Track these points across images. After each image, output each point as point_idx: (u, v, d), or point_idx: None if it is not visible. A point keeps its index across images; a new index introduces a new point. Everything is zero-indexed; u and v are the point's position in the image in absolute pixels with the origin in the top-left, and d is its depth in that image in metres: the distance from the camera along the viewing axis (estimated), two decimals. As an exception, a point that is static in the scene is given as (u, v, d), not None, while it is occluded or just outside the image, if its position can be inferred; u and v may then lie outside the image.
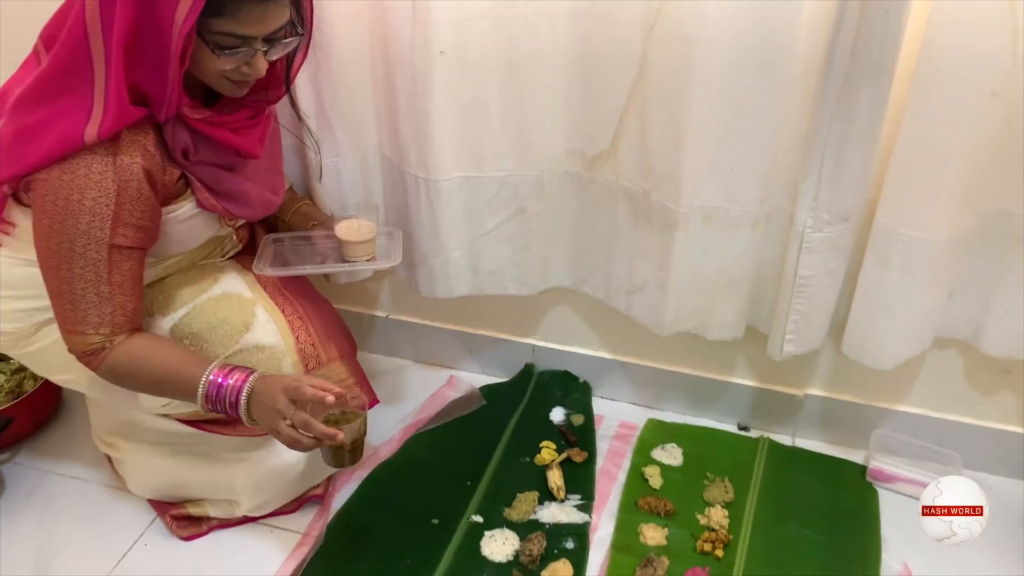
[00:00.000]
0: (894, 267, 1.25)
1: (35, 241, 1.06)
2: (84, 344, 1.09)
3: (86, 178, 1.00)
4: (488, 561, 1.32)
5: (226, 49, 1.01)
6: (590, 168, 1.39)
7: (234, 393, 1.10)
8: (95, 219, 1.02)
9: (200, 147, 1.10)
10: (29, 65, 1.10)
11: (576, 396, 1.68)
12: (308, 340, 1.28)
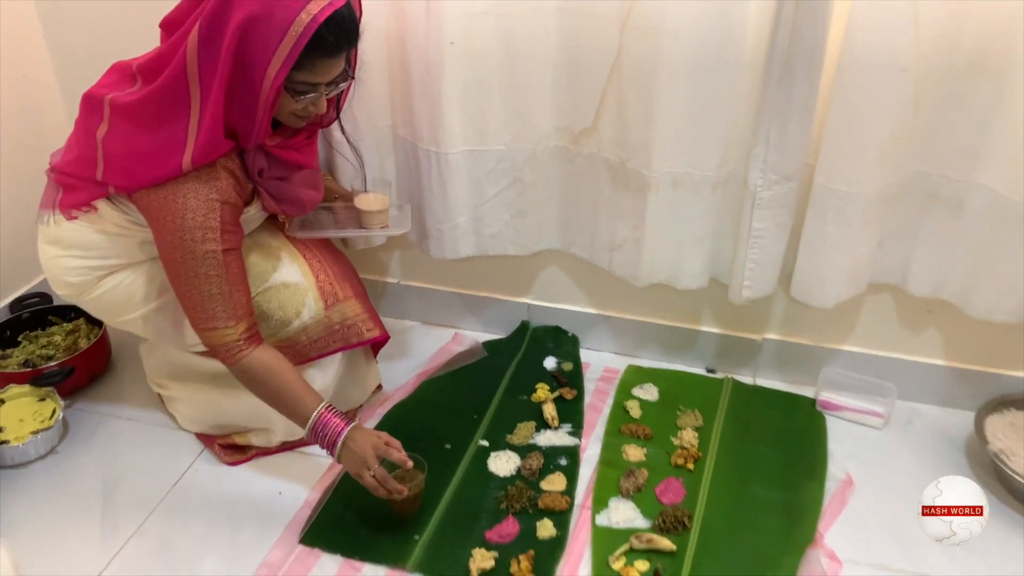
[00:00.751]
0: (831, 219, 1.49)
1: (161, 256, 1.28)
2: (219, 338, 1.29)
3: (195, 200, 1.22)
4: (494, 476, 1.53)
5: (300, 94, 1.23)
6: (576, 142, 1.62)
7: (334, 435, 1.33)
8: (208, 232, 1.23)
9: (271, 166, 1.32)
10: (121, 76, 1.30)
11: (566, 347, 1.90)
12: (327, 280, 1.50)
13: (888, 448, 1.62)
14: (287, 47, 1.14)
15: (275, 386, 1.34)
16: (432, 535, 1.40)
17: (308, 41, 1.15)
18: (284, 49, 1.14)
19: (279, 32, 1.13)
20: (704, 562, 1.34)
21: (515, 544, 1.38)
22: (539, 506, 1.45)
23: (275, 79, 1.16)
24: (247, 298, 1.31)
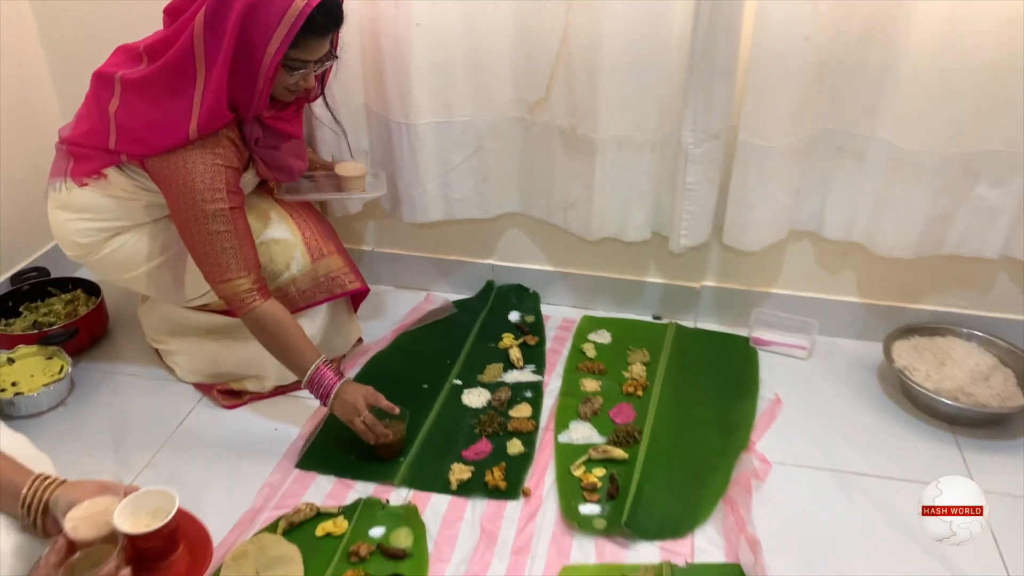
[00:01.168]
0: (753, 172, 1.70)
1: (175, 218, 1.44)
2: (233, 289, 1.44)
3: (202, 164, 1.38)
4: (468, 408, 1.71)
5: (294, 70, 1.40)
6: (531, 112, 1.81)
7: (329, 387, 1.49)
8: (216, 192, 1.39)
9: (265, 136, 1.49)
10: (127, 57, 1.46)
11: (528, 303, 2.08)
12: (312, 237, 1.67)
13: (811, 375, 1.84)
14: (285, 28, 1.31)
15: (281, 337, 1.50)
16: (415, 456, 1.58)
17: (303, 23, 1.32)
18: (282, 30, 1.31)
19: (278, 15, 1.31)
20: (652, 467, 1.54)
21: (488, 459, 1.56)
22: (508, 429, 1.64)
23: (275, 56, 1.33)
24: (255, 252, 1.47)
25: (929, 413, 1.70)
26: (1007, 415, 1.65)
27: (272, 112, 1.49)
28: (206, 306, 1.66)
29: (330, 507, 1.45)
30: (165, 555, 1.01)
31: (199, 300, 1.64)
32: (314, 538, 1.39)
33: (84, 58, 1.57)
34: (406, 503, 1.47)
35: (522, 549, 1.38)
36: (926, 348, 1.79)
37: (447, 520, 1.44)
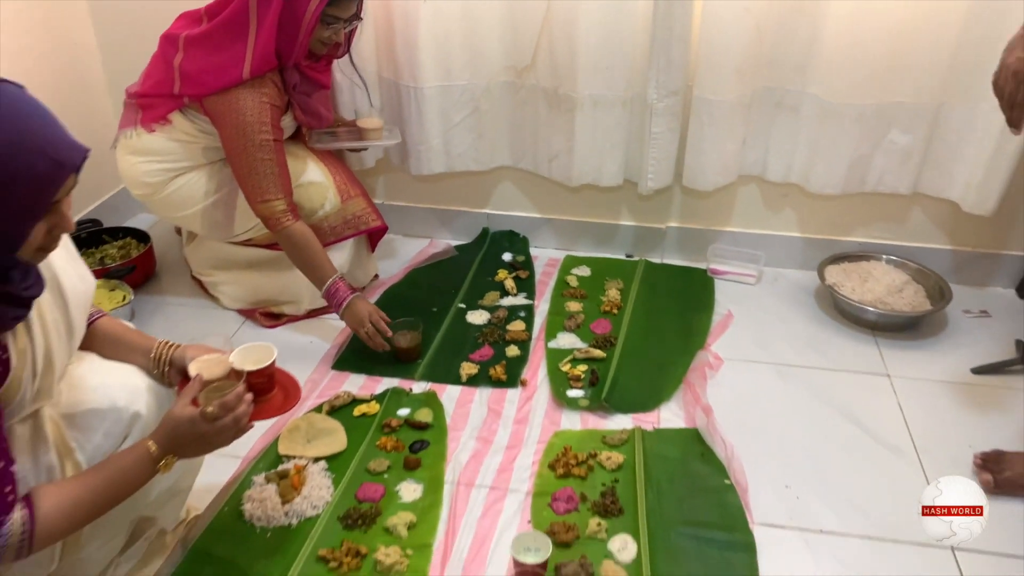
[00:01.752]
0: (706, 123, 2.02)
1: (225, 147, 1.73)
2: (270, 209, 1.73)
3: (251, 101, 1.68)
4: (472, 324, 2.02)
5: (329, 24, 1.70)
6: (519, 77, 2.11)
7: (342, 298, 1.80)
8: (262, 125, 1.68)
9: (302, 82, 1.78)
10: (189, 20, 1.75)
11: (519, 246, 2.39)
12: (341, 181, 1.97)
13: (759, 296, 2.17)
14: None
15: (307, 252, 1.79)
16: (430, 359, 1.88)
17: None
18: None
19: None
20: (625, 363, 1.85)
21: (491, 360, 1.87)
22: (506, 338, 1.95)
23: (315, 11, 1.62)
24: (289, 181, 1.77)
25: (854, 321, 2.03)
26: (916, 319, 1.99)
27: (308, 62, 1.78)
28: (250, 240, 1.95)
29: (363, 395, 1.75)
30: (266, 391, 1.30)
31: (244, 235, 1.93)
32: (352, 417, 1.69)
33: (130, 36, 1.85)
34: (426, 391, 1.77)
35: (522, 420, 1.69)
36: (852, 271, 2.12)
37: (460, 402, 1.74)
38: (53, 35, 2.15)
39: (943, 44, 1.83)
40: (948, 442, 1.64)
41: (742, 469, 1.54)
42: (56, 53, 2.18)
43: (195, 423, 1.08)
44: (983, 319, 2.06)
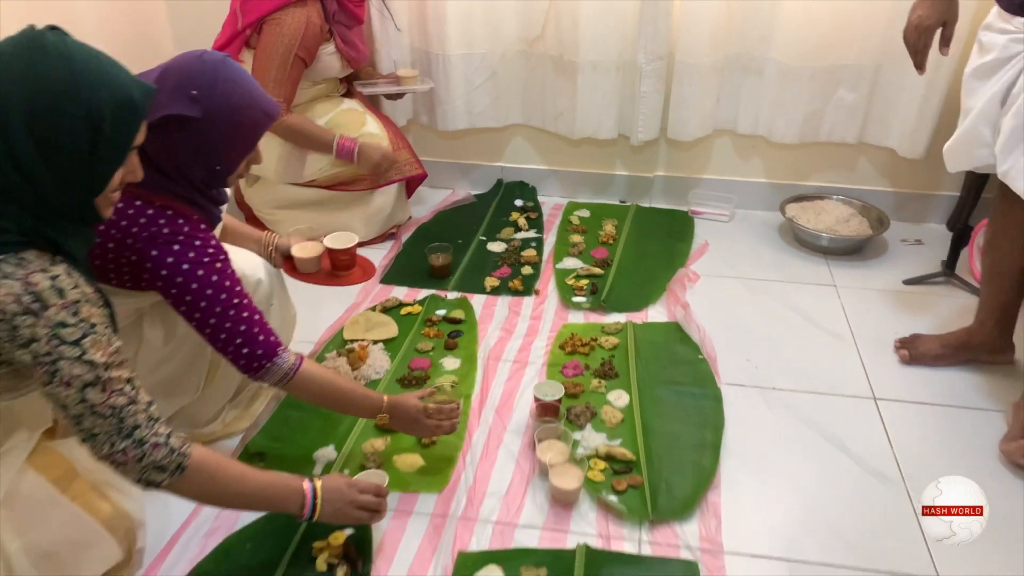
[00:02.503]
0: (686, 84, 2.41)
1: (259, 49, 2.08)
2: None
3: (292, 18, 2.04)
4: (491, 252, 2.40)
5: None
6: (530, 46, 2.50)
7: (351, 148, 2.17)
8: (293, 40, 2.05)
9: (340, 13, 2.15)
10: None
11: (528, 194, 2.77)
12: (391, 134, 2.35)
13: (731, 231, 2.55)
14: None
15: (304, 129, 2.17)
16: (459, 276, 2.26)
17: None
18: None
19: None
20: (619, 277, 2.24)
21: (509, 276, 2.25)
22: (521, 261, 2.33)
23: None
24: (293, 90, 2.13)
25: (809, 247, 2.41)
26: (860, 243, 2.37)
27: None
28: (313, 182, 2.32)
29: (408, 300, 2.13)
30: (349, 267, 1.69)
31: (310, 177, 2.30)
32: (400, 315, 2.07)
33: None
34: (459, 297, 2.15)
35: (537, 317, 2.07)
36: (808, 207, 2.51)
37: (486, 306, 2.13)
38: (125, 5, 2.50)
39: (879, 14, 2.21)
40: (879, 331, 2.02)
41: (712, 346, 1.92)
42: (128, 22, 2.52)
43: (419, 413, 1.48)
44: (917, 247, 2.45)
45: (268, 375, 1.34)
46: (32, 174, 0.97)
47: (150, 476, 1.09)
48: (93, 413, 1.03)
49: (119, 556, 1.26)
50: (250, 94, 1.28)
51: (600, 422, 1.69)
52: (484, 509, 1.48)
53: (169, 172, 1.27)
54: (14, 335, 0.97)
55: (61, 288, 1.00)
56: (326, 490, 1.29)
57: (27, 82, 0.94)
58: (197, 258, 1.30)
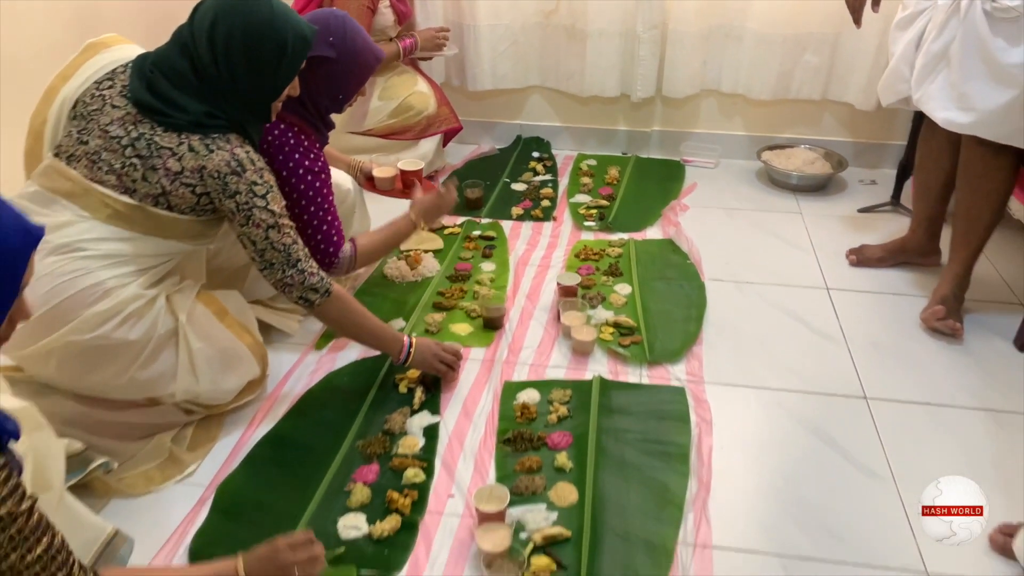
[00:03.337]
0: (678, 49, 2.84)
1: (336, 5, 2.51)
2: None
3: None
4: (515, 190, 2.83)
5: None
6: (546, 18, 2.93)
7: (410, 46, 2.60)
8: None
9: None
10: None
11: (544, 147, 3.20)
12: (436, 93, 2.78)
13: (715, 175, 2.98)
14: None
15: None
16: (490, 206, 2.69)
17: None
18: None
19: None
20: (622, 208, 2.67)
21: (531, 208, 2.69)
22: (540, 197, 2.76)
23: None
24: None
25: (782, 186, 2.85)
26: (823, 180, 2.81)
27: None
28: (370, 131, 2.74)
29: (449, 224, 2.57)
30: (414, 185, 2.16)
31: (368, 126, 2.73)
32: (444, 234, 2.50)
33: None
34: (491, 222, 2.59)
35: (555, 235, 2.51)
36: (780, 154, 2.94)
37: (513, 228, 2.56)
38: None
39: (836, -11, 2.65)
40: (836, 245, 2.45)
41: (698, 253, 2.36)
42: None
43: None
44: (872, 187, 2.88)
45: (336, 266, 1.78)
46: (239, 80, 1.41)
47: (308, 295, 1.53)
48: (272, 248, 1.48)
49: (257, 373, 1.70)
50: (367, 41, 1.73)
51: (609, 304, 2.12)
52: (522, 356, 1.92)
53: (303, 99, 1.70)
54: (224, 188, 1.42)
55: (253, 159, 1.44)
56: (419, 343, 1.74)
57: (243, 15, 1.38)
58: (310, 166, 1.73)
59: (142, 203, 1.44)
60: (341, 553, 1.38)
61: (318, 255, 1.75)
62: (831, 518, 1.47)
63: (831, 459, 1.62)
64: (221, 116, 1.44)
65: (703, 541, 1.41)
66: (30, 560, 0.92)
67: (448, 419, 1.71)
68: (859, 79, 2.78)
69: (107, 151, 1.44)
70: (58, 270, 1.39)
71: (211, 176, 1.43)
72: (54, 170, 1.46)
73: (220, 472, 1.57)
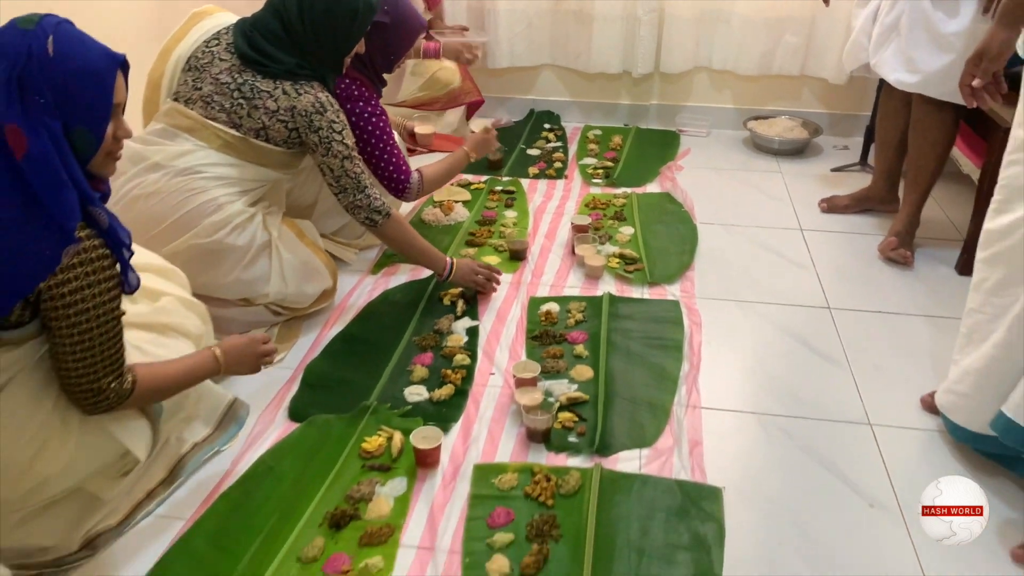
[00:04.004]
0: (674, 30, 3.19)
1: None
2: None
3: None
4: (530, 154, 3.18)
5: None
6: (557, 3, 3.28)
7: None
8: None
9: None
10: None
11: (554, 120, 3.55)
12: (461, 70, 3.12)
13: (707, 143, 3.33)
14: None
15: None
16: (510, 167, 3.04)
17: None
18: None
19: None
20: (625, 169, 3.02)
21: (545, 168, 3.03)
22: (553, 159, 3.11)
23: None
24: None
25: (765, 150, 3.20)
26: (801, 144, 3.16)
27: None
28: (403, 102, 3.08)
29: (475, 181, 2.91)
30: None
31: (400, 99, 3.06)
32: (470, 188, 2.85)
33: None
34: (511, 180, 2.94)
35: (567, 190, 2.86)
36: (764, 124, 3.29)
37: (530, 185, 2.91)
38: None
39: (812, -24, 3.01)
40: (811, 197, 2.79)
41: (691, 202, 2.71)
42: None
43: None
44: (844, 151, 3.23)
45: (408, 192, 2.12)
46: (320, 38, 1.77)
47: (372, 216, 1.88)
48: (346, 175, 1.82)
49: (330, 284, 2.05)
50: (415, 10, 2.09)
51: (615, 241, 2.47)
52: (543, 279, 2.27)
53: (364, 59, 2.05)
54: (310, 124, 1.77)
55: (332, 102, 1.79)
56: (459, 262, 2.09)
57: None
58: (372, 110, 2.07)
59: (246, 136, 1.79)
60: (408, 409, 1.72)
61: (392, 183, 2.10)
62: (796, 388, 1.83)
63: (799, 351, 1.97)
64: (307, 67, 1.79)
65: (694, 403, 1.76)
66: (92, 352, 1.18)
67: (486, 323, 2.06)
68: (832, 57, 3.12)
69: (218, 95, 1.78)
70: (183, 187, 1.74)
71: (300, 114, 1.78)
72: (176, 111, 1.80)
73: (304, 359, 1.91)
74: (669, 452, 1.61)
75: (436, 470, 1.57)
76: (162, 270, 1.55)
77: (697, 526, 1.43)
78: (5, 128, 1.06)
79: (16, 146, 1.07)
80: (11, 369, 1.17)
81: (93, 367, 1.19)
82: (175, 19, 2.02)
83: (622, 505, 1.48)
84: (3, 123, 1.06)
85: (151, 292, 1.47)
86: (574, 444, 1.63)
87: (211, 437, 1.62)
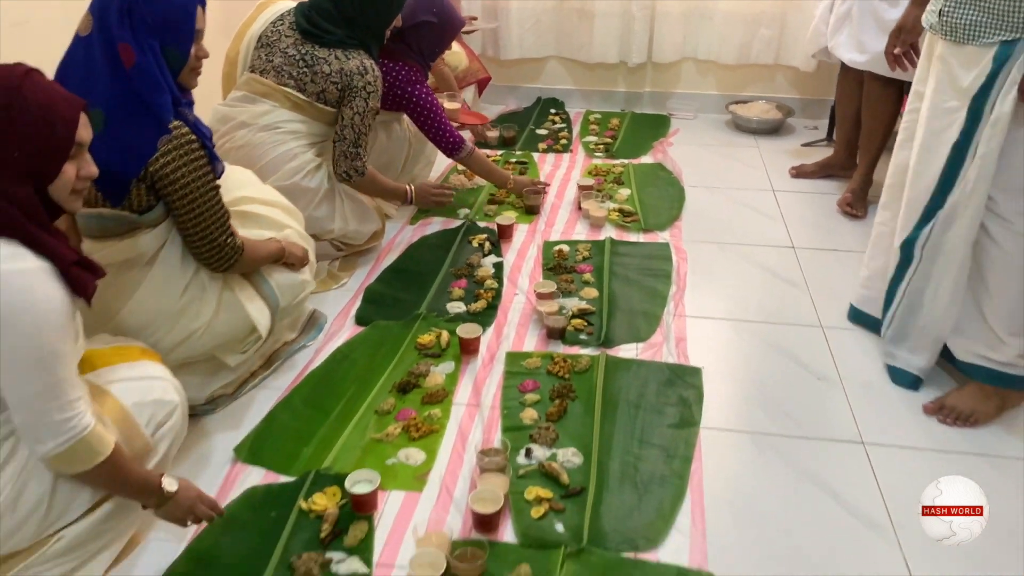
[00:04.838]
0: (664, 26, 3.60)
1: None
2: None
3: None
4: (539, 134, 3.58)
5: None
6: (561, 2, 3.68)
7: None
8: None
9: None
10: None
11: (559, 106, 3.95)
12: (468, 52, 3.53)
13: (694, 125, 3.74)
14: None
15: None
16: (521, 144, 3.44)
17: None
18: None
19: None
20: (623, 143, 3.43)
21: (552, 144, 3.43)
22: (559, 137, 3.51)
23: None
24: None
25: (744, 130, 3.61)
26: (777, 124, 3.57)
27: None
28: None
29: (492, 154, 3.31)
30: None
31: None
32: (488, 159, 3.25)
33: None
34: (525, 153, 3.34)
35: (573, 160, 3.26)
36: (743, 107, 3.69)
37: (540, 158, 3.31)
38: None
39: (784, -23, 3.42)
40: (782, 167, 3.19)
41: (681, 171, 3.11)
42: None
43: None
44: (813, 130, 3.63)
45: (460, 152, 2.53)
46: (365, 11, 2.17)
47: (350, 171, 2.26)
48: (351, 127, 2.22)
49: (379, 225, 2.50)
50: (456, 10, 2.50)
51: (615, 200, 2.87)
52: (555, 228, 2.67)
53: (415, 49, 2.46)
54: (350, 82, 2.16)
55: (373, 67, 2.19)
56: (416, 188, 2.53)
57: None
58: (424, 90, 2.48)
59: (310, 98, 2.18)
60: (451, 317, 2.12)
61: (448, 142, 2.54)
62: (766, 301, 2.23)
63: (769, 279, 2.37)
64: (355, 37, 2.19)
65: (680, 313, 2.16)
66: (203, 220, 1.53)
67: (508, 259, 2.45)
68: (802, 48, 3.52)
69: (287, 65, 2.18)
70: (267, 140, 2.14)
71: (346, 75, 2.17)
72: (254, 80, 2.20)
73: (363, 283, 2.31)
74: (660, 345, 2.01)
75: (476, 357, 1.96)
76: (287, 208, 1.95)
77: (681, 391, 1.83)
78: (119, 45, 1.41)
79: (126, 59, 1.42)
80: (156, 243, 1.56)
81: (208, 228, 1.56)
82: (239, 15, 2.41)
83: (623, 379, 1.87)
84: (117, 41, 1.41)
85: (277, 224, 1.86)
86: (584, 340, 2.03)
87: (297, 339, 2.01)
